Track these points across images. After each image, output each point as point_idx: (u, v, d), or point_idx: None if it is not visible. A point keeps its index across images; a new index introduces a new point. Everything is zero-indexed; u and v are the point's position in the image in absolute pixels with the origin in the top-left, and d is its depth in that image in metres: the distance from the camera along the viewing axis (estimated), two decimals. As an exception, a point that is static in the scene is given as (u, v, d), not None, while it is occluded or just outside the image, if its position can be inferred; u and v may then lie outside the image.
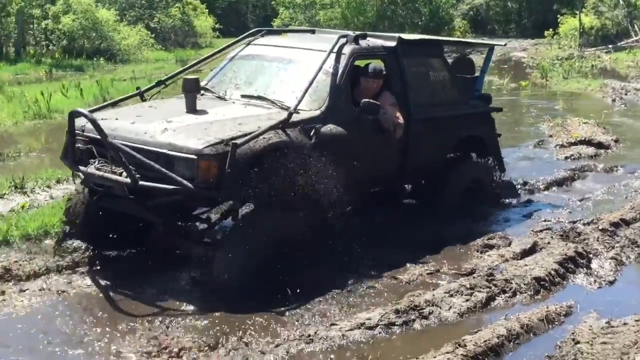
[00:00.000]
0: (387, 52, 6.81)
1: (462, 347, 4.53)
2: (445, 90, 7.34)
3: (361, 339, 4.86)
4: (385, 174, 6.79)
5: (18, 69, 24.48)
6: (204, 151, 5.17)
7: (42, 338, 4.85)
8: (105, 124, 5.62)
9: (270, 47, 6.99)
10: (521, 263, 6.07)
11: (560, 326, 5.09)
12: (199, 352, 4.63)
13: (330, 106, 6.08)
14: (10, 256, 6.17)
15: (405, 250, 6.53)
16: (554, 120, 13.64)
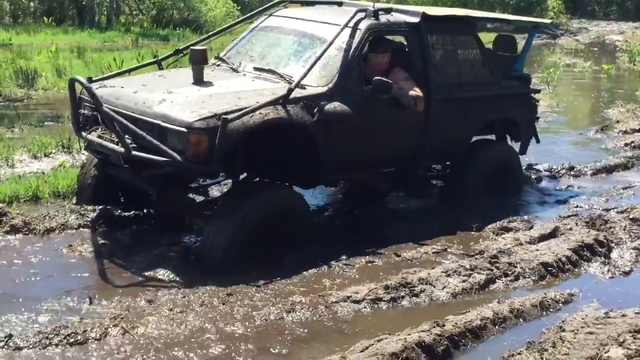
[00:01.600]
0: (410, 28, 6.48)
1: (440, 326, 4.43)
2: (475, 70, 6.98)
3: (345, 311, 4.83)
4: (401, 154, 6.52)
5: (107, 37, 25.30)
6: (195, 125, 5.10)
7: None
8: (111, 91, 5.72)
9: (289, 19, 6.79)
10: (533, 247, 5.86)
11: (555, 313, 4.90)
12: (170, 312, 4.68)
13: (339, 83, 5.85)
14: (34, 211, 6.44)
15: (419, 230, 6.44)
16: (626, 106, 13.01)
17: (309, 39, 6.29)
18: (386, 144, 6.24)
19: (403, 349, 4.11)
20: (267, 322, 4.63)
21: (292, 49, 6.38)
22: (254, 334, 4.48)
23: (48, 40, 20.63)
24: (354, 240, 6.13)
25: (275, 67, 6.15)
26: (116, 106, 5.48)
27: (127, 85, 6.02)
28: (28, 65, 14.48)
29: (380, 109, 6.11)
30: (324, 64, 5.93)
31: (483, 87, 7.00)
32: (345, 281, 5.32)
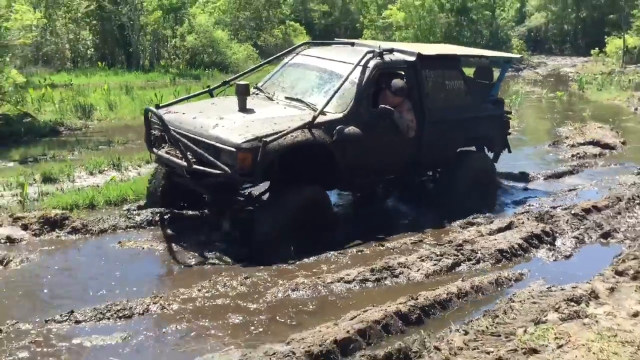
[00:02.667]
0: (408, 65, 6.76)
1: (414, 299, 4.58)
2: (459, 97, 7.22)
3: (338, 289, 4.99)
4: (401, 165, 6.79)
5: (150, 77, 25.60)
6: (242, 145, 5.45)
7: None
8: (174, 117, 6.06)
9: (313, 57, 7.07)
10: (492, 238, 5.99)
11: (508, 289, 5.04)
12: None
13: (353, 110, 6.15)
14: (91, 216, 6.63)
15: (403, 225, 6.58)
16: (574, 125, 13.12)
17: (328, 74, 6.59)
18: (390, 157, 6.54)
19: (384, 316, 4.27)
20: (276, 298, 4.80)
21: (315, 82, 6.67)
22: (265, 308, 4.65)
23: (102, 81, 20.93)
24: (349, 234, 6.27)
25: (302, 97, 6.46)
26: (180, 129, 5.83)
27: (187, 111, 6.33)
28: (85, 101, 14.74)
29: (384, 130, 6.36)
30: (340, 95, 6.22)
31: (466, 110, 7.19)
32: (339, 266, 5.47)
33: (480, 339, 3.84)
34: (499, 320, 4.15)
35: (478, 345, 3.74)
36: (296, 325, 4.40)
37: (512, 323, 4.07)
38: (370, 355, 3.67)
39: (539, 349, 3.54)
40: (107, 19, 29.53)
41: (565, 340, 3.63)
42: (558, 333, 3.72)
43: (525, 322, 4.04)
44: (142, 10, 29.44)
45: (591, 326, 3.79)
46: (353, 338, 4.00)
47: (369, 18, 40.83)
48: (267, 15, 39.53)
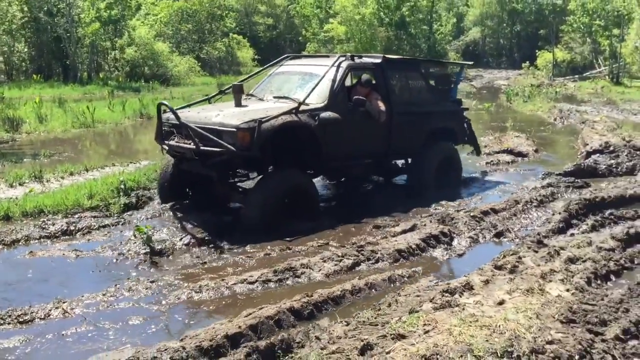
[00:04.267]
0: (375, 66, 8.20)
1: (309, 296, 4.85)
2: (421, 94, 8.65)
3: (241, 290, 5.22)
4: (375, 150, 7.99)
5: (87, 90, 25.32)
6: (241, 126, 6.50)
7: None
8: (181, 113, 7.06)
9: (294, 65, 8.60)
10: (393, 239, 6.34)
11: (400, 285, 5.34)
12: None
13: (330, 101, 7.36)
14: (5, 227, 6.67)
15: (312, 228, 6.82)
16: (495, 134, 13.77)
17: (309, 76, 7.88)
18: (365, 142, 7.75)
19: (276, 312, 4.52)
20: (179, 300, 5.00)
21: (298, 83, 7.94)
22: (166, 310, 4.84)
23: (35, 94, 20.63)
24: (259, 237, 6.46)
25: (288, 94, 7.69)
26: (189, 121, 6.78)
27: (192, 110, 7.61)
28: (15, 114, 14.55)
29: (360, 118, 7.62)
30: (320, 90, 7.43)
31: (428, 105, 8.62)
32: (244, 268, 5.70)
33: (359, 329, 4.14)
34: (380, 312, 4.46)
35: (355, 334, 4.03)
36: (194, 325, 4.61)
37: (392, 314, 4.39)
38: (253, 346, 3.92)
39: (407, 335, 3.86)
40: (43, 31, 29.07)
41: (432, 326, 3.96)
42: (427, 320, 4.05)
43: (403, 312, 4.37)
44: (79, 22, 29.10)
45: (458, 313, 4.14)
46: (244, 333, 4.22)
47: (312, 31, 41.44)
48: (209, 27, 39.66)
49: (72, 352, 4.19)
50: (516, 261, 5.28)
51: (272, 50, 51.01)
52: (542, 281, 4.82)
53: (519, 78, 35.79)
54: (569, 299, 4.48)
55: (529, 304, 4.32)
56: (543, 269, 5.09)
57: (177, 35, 36.90)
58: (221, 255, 6.07)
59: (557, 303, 4.36)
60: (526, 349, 3.61)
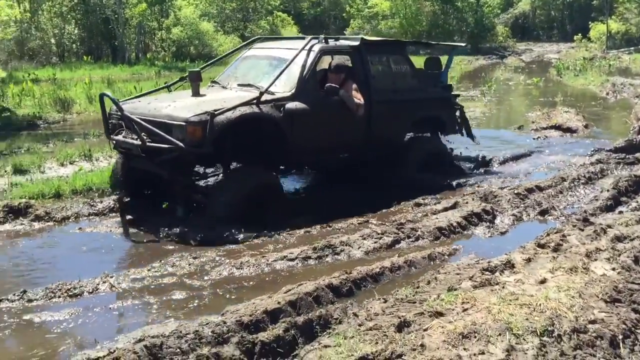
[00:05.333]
0: (352, 49, 7.26)
1: (348, 273, 4.87)
2: (406, 80, 7.74)
3: (280, 267, 5.28)
4: (352, 142, 7.19)
5: (135, 70, 25.80)
6: (191, 119, 5.83)
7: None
8: (131, 105, 6.53)
9: (263, 49, 7.68)
10: (433, 217, 6.29)
11: (440, 263, 5.32)
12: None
13: (299, 89, 6.59)
14: (55, 204, 6.91)
15: (353, 207, 6.79)
16: (543, 109, 13.43)
17: (277, 61, 7.03)
18: (339, 134, 6.97)
19: (315, 289, 4.56)
20: (221, 275, 5.10)
21: (265, 69, 7.14)
22: (208, 285, 4.95)
23: (86, 75, 21.15)
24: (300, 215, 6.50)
25: (254, 82, 6.88)
26: (135, 114, 6.17)
27: (143, 100, 6.85)
28: (66, 95, 14.98)
29: (333, 108, 6.83)
30: (288, 76, 6.66)
31: (413, 92, 7.73)
32: (285, 245, 5.76)
33: (397, 306, 4.14)
34: (419, 290, 4.45)
35: (393, 311, 4.03)
36: (235, 300, 4.70)
37: (430, 292, 4.37)
38: (292, 322, 3.97)
39: (444, 312, 3.84)
40: (92, 13, 29.65)
41: (470, 304, 3.92)
42: (465, 298, 4.01)
43: (442, 290, 4.34)
44: (126, 3, 29.57)
45: (497, 292, 4.09)
46: (283, 308, 4.27)
47: (356, 8, 40.96)
48: (254, 6, 39.68)
49: (118, 325, 4.34)
50: (560, 239, 5.16)
51: (316, 27, 50.77)
52: (587, 260, 4.70)
53: (570, 51, 34.65)
54: (615, 278, 4.36)
55: (571, 283, 4.23)
56: (588, 248, 4.96)
57: (222, 14, 37.10)
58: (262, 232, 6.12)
59: (602, 282, 4.25)
60: (567, 328, 3.54)
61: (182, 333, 3.84)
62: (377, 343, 3.57)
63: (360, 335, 3.72)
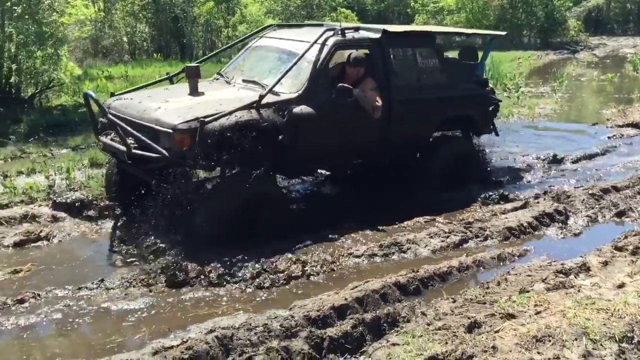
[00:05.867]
0: (372, 42, 6.43)
1: (415, 272, 4.84)
2: (434, 75, 6.86)
3: (347, 264, 5.30)
4: (368, 146, 6.41)
5: (202, 68, 26.38)
6: (178, 126, 5.16)
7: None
8: (121, 102, 5.88)
9: (274, 39, 6.80)
10: (502, 216, 6.15)
11: (510, 264, 5.21)
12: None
13: (308, 90, 5.83)
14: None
15: (419, 206, 6.59)
16: (618, 107, 12.89)
17: (287, 55, 6.25)
18: (353, 139, 6.19)
19: (382, 286, 4.56)
20: (289, 270, 5.13)
21: (273, 64, 6.39)
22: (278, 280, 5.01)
23: (156, 72, 21.80)
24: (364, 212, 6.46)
25: (258, 79, 6.14)
26: (124, 114, 5.64)
27: (136, 97, 6.10)
28: (137, 91, 15.45)
29: (347, 110, 6.04)
30: (295, 74, 5.92)
31: (441, 90, 6.81)
32: (351, 242, 5.74)
33: (466, 306, 4.09)
34: (489, 290, 4.38)
35: (462, 311, 3.99)
36: (302, 295, 4.75)
37: (501, 293, 4.29)
38: (359, 318, 3.98)
39: (517, 314, 3.76)
40: (162, 11, 30.53)
41: (544, 307, 3.83)
42: (538, 301, 3.92)
43: (513, 292, 4.25)
44: (194, 2, 30.30)
45: (573, 295, 3.97)
46: (350, 305, 4.29)
47: (421, 2, 40.42)
48: (318, 2, 39.84)
49: (191, 315, 4.47)
50: (639, 242, 4.95)
51: (379, 23, 50.46)
52: (669, 265, 4.50)
53: (648, 45, 33.02)
54: (699, 284, 4.15)
55: (652, 288, 4.06)
56: (670, 252, 4.75)
57: (286, 11, 37.36)
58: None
59: (685, 288, 4.06)
60: (648, 335, 3.41)
61: (252, 325, 3.93)
62: (447, 343, 3.54)
63: (429, 335, 3.70)
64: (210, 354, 3.63)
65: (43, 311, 4.47)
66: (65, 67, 14.13)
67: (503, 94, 15.07)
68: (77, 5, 16.58)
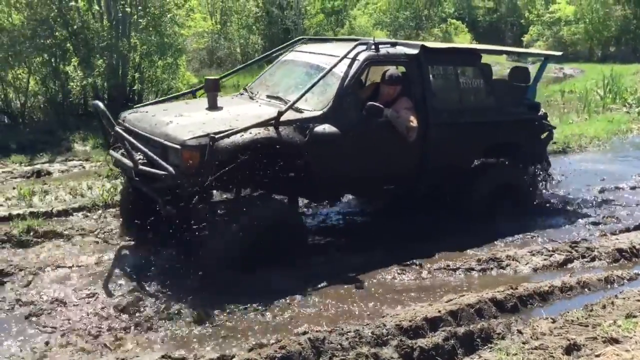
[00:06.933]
0: (409, 59, 5.90)
1: (513, 289, 4.70)
2: (478, 97, 6.34)
3: (442, 276, 5.24)
4: (400, 172, 5.91)
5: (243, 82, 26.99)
6: (187, 142, 4.78)
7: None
8: (136, 115, 5.57)
9: (304, 53, 6.36)
10: (613, 237, 5.84)
11: (619, 287, 4.93)
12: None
13: (334, 108, 5.39)
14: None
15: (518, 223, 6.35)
16: None
17: (315, 70, 5.80)
18: (384, 163, 5.73)
19: (478, 301, 4.47)
20: (384, 279, 5.18)
21: (300, 79, 5.95)
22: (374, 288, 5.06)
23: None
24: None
25: (283, 95, 5.72)
26: (136, 127, 5.31)
27: (151, 110, 5.76)
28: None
29: (377, 132, 5.57)
30: (322, 90, 5.52)
31: (485, 114, 6.26)
32: (447, 255, 5.64)
33: (566, 327, 3.92)
34: (592, 313, 4.17)
35: (562, 333, 3.83)
36: (395, 304, 4.76)
37: (606, 316, 4.08)
38: (452, 331, 3.93)
39: (621, 339, 3.56)
40: (274, 24, 31.65)
41: (652, 335, 3.61)
42: (646, 328, 3.70)
43: (619, 316, 4.03)
44: (305, 14, 31.18)
45: (686, 324, 3.71)
46: (443, 317, 4.25)
47: (536, 13, 39.03)
48: (427, 14, 39.58)
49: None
50: None
51: (491, 35, 49.12)
52: None
53: None
54: None
55: None
56: None
57: (395, 23, 37.47)
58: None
59: None
60: None
61: (344, 331, 3.99)
62: (542, 363, 3.42)
63: (524, 354, 3.60)
64: (303, 355, 3.73)
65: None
66: (182, 76, 15.02)
67: (622, 109, 14.24)
68: (196, 18, 17.55)
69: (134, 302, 4.63)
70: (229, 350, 3.96)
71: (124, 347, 4.07)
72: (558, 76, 24.03)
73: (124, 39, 12.89)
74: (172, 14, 13.82)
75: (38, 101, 12.57)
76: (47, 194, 7.31)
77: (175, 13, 14.02)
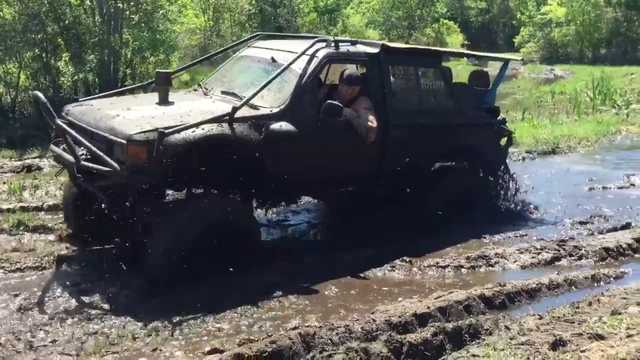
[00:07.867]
0: (369, 58, 5.75)
1: (501, 286, 4.77)
2: (438, 99, 6.21)
3: (432, 273, 5.30)
4: (358, 174, 5.77)
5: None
6: (134, 137, 4.53)
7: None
8: (81, 108, 5.34)
9: (261, 49, 6.13)
10: (600, 236, 5.92)
11: (605, 285, 5.00)
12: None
13: (291, 105, 5.19)
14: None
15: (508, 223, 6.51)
16: None
17: (272, 66, 5.59)
18: (342, 164, 5.55)
19: (466, 298, 4.52)
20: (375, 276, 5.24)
21: (256, 75, 5.73)
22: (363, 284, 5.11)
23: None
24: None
25: (239, 91, 5.51)
26: (80, 121, 5.07)
27: (97, 103, 5.52)
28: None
29: (336, 131, 5.40)
30: (279, 87, 5.35)
31: (445, 116, 6.16)
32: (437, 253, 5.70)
33: (553, 324, 3.98)
34: (579, 310, 4.24)
35: (548, 329, 3.89)
36: (384, 300, 4.80)
37: (591, 313, 4.14)
38: (441, 327, 3.98)
39: (606, 336, 3.62)
40: (267, 21, 31.56)
41: (637, 330, 3.66)
42: (631, 324, 3.75)
43: (605, 313, 4.09)
44: (298, 13, 31.17)
45: (670, 321, 3.78)
46: (432, 314, 4.29)
47: (527, 14, 39.24)
48: (420, 14, 39.69)
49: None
50: None
51: (483, 35, 49.39)
52: None
53: None
54: None
55: None
56: None
57: (388, 22, 37.55)
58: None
59: None
60: None
61: (334, 326, 4.03)
62: (529, 359, 3.48)
63: (511, 349, 3.65)
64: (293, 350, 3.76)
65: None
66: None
67: (612, 111, 14.38)
68: (188, 15, 17.54)
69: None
70: (220, 345, 3.99)
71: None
72: (549, 77, 24.25)
73: (116, 34, 12.88)
74: (164, 10, 13.82)
75: (29, 96, 12.52)
76: (37, 188, 7.31)
77: (167, 9, 14.02)
